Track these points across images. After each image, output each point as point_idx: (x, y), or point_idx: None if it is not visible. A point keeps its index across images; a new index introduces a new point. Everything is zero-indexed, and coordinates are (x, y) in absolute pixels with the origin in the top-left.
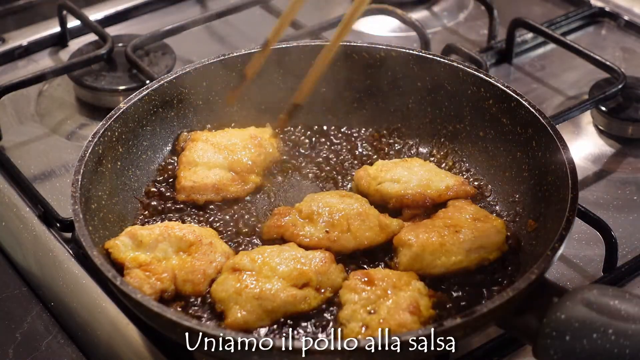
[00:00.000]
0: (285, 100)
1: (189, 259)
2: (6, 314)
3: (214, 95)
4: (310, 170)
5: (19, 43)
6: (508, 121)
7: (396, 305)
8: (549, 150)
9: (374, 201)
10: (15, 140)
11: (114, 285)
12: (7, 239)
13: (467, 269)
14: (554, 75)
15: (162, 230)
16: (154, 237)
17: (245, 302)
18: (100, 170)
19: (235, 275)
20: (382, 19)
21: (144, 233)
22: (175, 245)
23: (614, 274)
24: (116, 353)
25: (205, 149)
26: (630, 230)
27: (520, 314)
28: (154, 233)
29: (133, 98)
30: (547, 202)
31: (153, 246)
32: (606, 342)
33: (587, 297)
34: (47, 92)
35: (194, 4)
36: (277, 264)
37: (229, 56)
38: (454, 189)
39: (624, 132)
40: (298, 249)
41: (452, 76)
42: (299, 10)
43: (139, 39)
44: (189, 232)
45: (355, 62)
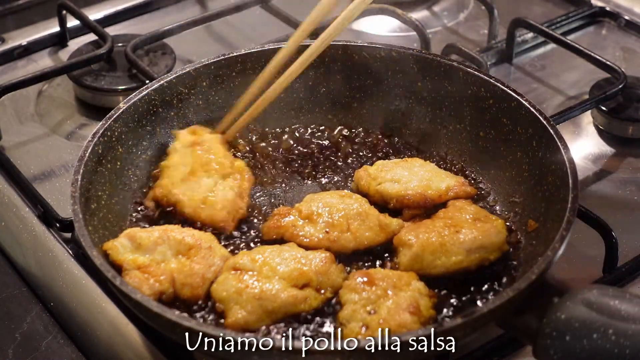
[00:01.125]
0: (285, 99)
1: (187, 262)
2: (6, 314)
3: (214, 95)
4: (310, 171)
5: (18, 43)
6: (508, 121)
7: (396, 305)
8: (549, 151)
9: (374, 201)
10: (15, 140)
11: (114, 286)
12: (7, 239)
13: (467, 269)
14: (554, 75)
15: (162, 233)
16: (153, 240)
17: (246, 303)
18: (100, 170)
19: (235, 275)
20: (382, 19)
21: (143, 235)
22: (174, 248)
23: (614, 274)
24: (116, 353)
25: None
26: (630, 230)
27: (520, 314)
28: (153, 236)
29: (133, 98)
30: (548, 202)
31: (152, 249)
32: (606, 342)
33: (588, 297)
34: (47, 92)
35: (194, 4)
36: (278, 264)
37: (230, 56)
38: (455, 189)
39: (624, 132)
40: (298, 249)
41: (452, 76)
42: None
43: (139, 39)
44: (188, 236)
45: (355, 61)
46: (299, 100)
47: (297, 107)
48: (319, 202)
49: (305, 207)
